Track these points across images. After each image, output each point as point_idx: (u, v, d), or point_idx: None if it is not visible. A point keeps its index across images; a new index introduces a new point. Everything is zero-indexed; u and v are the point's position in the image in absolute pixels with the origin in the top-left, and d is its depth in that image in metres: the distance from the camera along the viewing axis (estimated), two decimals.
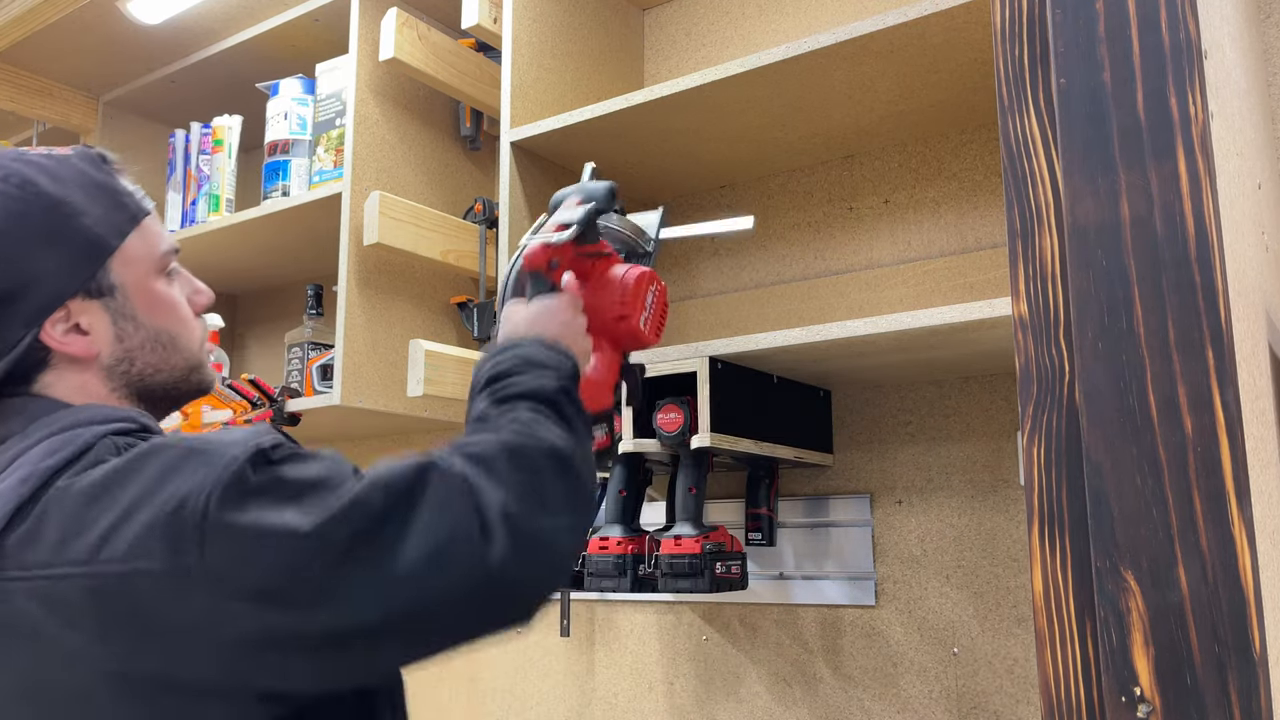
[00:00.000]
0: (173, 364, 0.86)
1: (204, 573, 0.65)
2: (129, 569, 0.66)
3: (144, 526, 0.66)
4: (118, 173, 0.86)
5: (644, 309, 1.03)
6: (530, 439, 0.78)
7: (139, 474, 0.69)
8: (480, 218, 1.79)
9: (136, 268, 0.83)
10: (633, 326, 1.02)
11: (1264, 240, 0.83)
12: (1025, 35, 0.65)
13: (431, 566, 0.69)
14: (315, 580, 0.66)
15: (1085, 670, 0.57)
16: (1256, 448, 0.59)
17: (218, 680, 0.68)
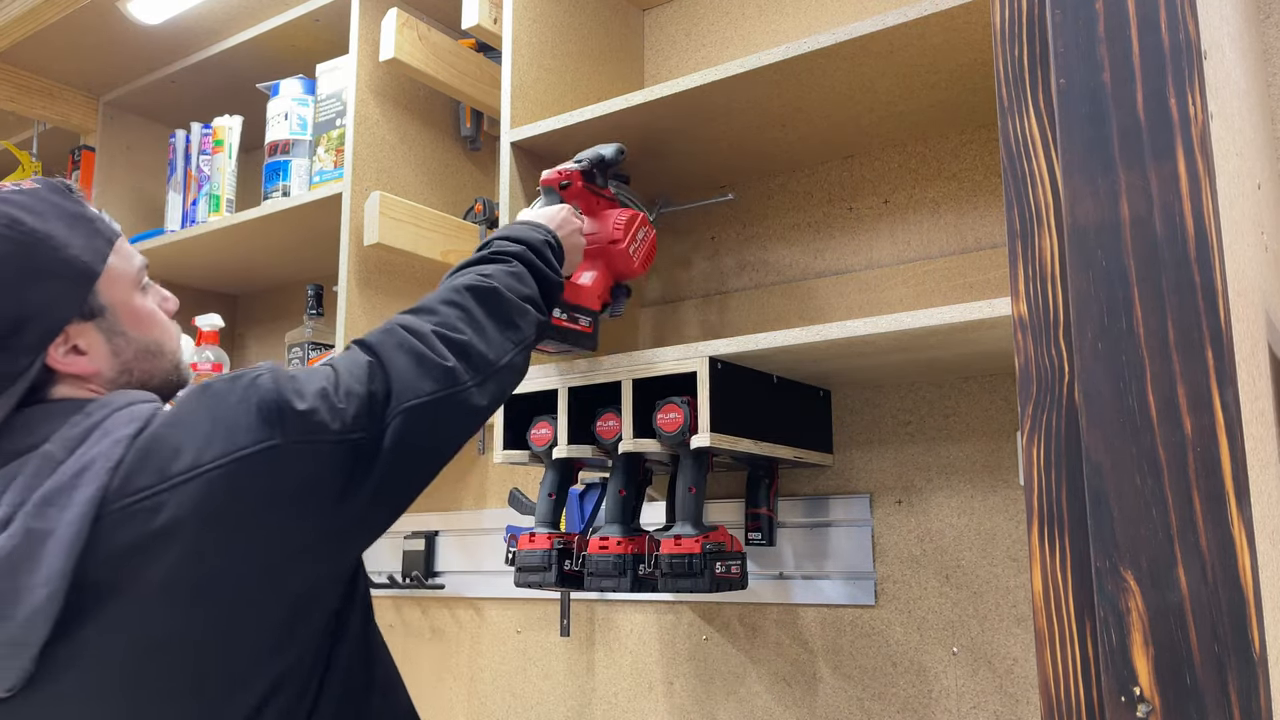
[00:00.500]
0: (161, 368, 0.96)
1: (288, 443, 0.83)
2: (231, 458, 0.81)
3: (231, 426, 0.82)
4: (83, 200, 0.93)
5: (634, 241, 1.33)
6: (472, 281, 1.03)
7: (207, 397, 0.85)
8: (480, 218, 1.79)
9: (119, 286, 0.92)
10: (623, 250, 1.32)
11: (1264, 240, 0.83)
12: (1025, 35, 0.65)
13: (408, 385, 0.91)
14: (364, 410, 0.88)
15: (1085, 670, 0.57)
16: (1256, 448, 0.59)
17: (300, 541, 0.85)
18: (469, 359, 0.96)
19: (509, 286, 1.04)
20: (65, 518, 0.78)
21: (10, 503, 0.80)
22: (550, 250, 1.14)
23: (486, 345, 0.98)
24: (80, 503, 0.79)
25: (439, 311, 0.99)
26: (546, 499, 1.41)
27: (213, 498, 0.81)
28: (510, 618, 1.85)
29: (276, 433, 0.83)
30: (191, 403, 0.86)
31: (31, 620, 0.77)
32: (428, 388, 0.91)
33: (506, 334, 1.01)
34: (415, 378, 0.91)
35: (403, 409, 0.89)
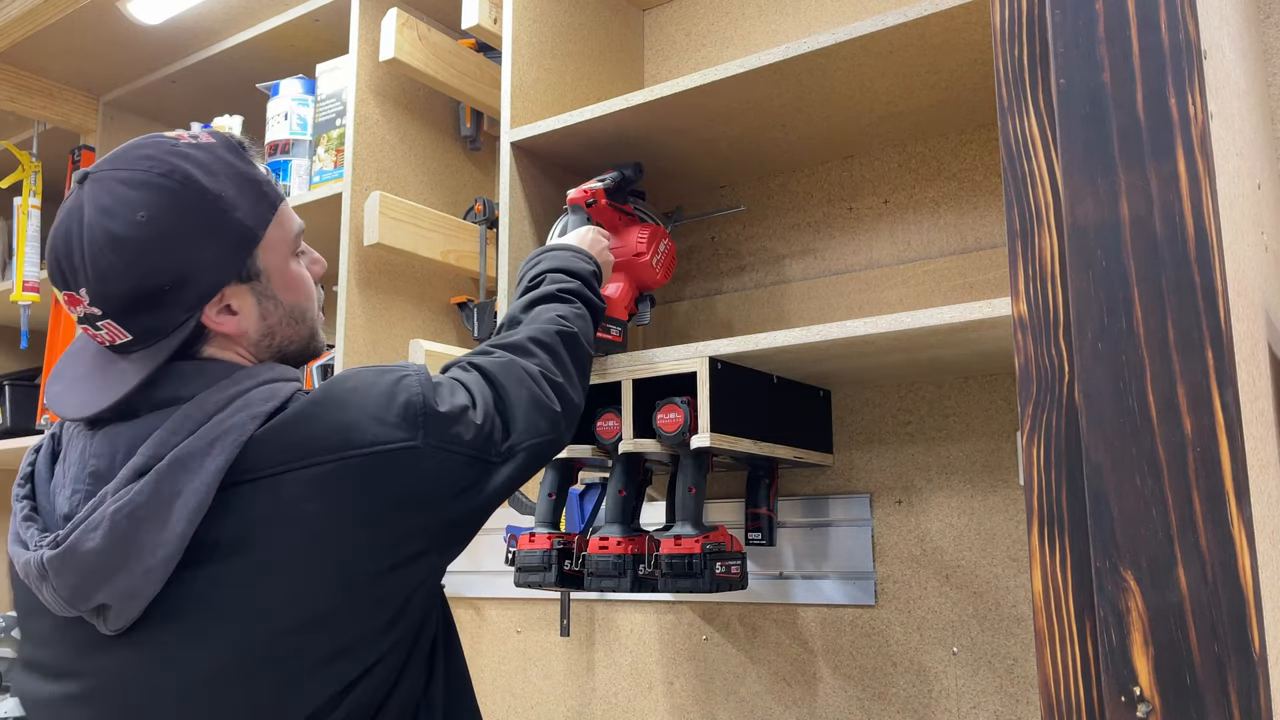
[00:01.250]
0: (300, 334, 0.99)
1: (427, 445, 0.88)
2: (373, 450, 0.85)
3: (376, 419, 0.87)
4: (255, 159, 0.95)
5: (657, 254, 1.42)
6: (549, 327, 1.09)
7: (353, 387, 0.89)
8: (480, 218, 1.79)
9: (277, 252, 0.94)
10: (646, 262, 1.41)
11: (1264, 240, 0.83)
12: (1025, 35, 0.65)
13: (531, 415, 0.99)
14: (492, 435, 0.94)
15: (1085, 670, 0.57)
16: (1256, 448, 0.59)
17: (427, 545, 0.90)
18: (565, 405, 1.02)
19: (583, 331, 1.11)
20: (193, 484, 0.82)
21: (146, 454, 0.83)
22: (595, 279, 1.22)
23: (574, 391, 1.04)
24: (210, 471, 0.82)
25: (536, 354, 1.04)
26: (546, 499, 1.41)
27: (346, 484, 0.84)
28: (510, 618, 1.85)
29: (418, 435, 0.88)
30: (336, 389, 0.90)
31: (149, 574, 0.81)
32: (544, 428, 0.98)
33: (582, 380, 1.08)
34: (535, 417, 0.97)
35: (526, 446, 0.96)
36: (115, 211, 0.85)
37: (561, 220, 1.46)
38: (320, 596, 0.85)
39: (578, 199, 1.37)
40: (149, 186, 0.86)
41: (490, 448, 0.93)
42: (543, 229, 1.52)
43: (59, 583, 0.83)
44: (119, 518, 0.81)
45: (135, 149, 0.90)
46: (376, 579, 0.87)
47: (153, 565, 0.81)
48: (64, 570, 0.82)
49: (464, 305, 1.82)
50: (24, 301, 2.30)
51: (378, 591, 0.88)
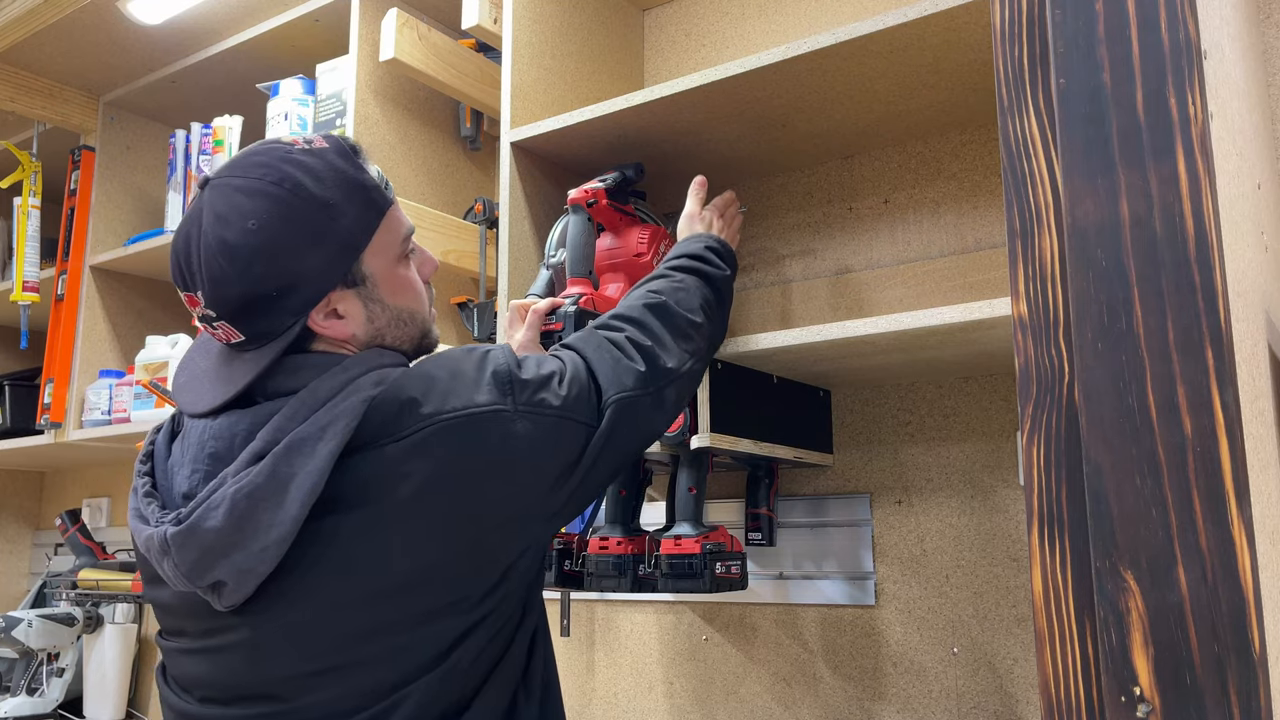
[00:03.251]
0: (410, 335, 1.01)
1: (517, 410, 0.91)
2: (468, 412, 0.89)
3: (469, 386, 0.90)
4: (366, 164, 0.97)
5: (657, 254, 1.41)
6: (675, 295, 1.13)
7: (446, 362, 0.93)
8: (480, 218, 1.79)
9: (383, 257, 0.97)
10: (647, 263, 1.39)
11: (1264, 240, 0.83)
12: (1025, 36, 0.65)
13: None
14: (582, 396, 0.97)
15: (1085, 670, 0.57)
16: (1256, 448, 0.59)
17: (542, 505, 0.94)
18: (654, 365, 1.03)
19: (678, 300, 1.12)
20: (308, 466, 0.85)
21: (264, 439, 0.87)
22: (713, 252, 1.21)
23: (667, 355, 1.05)
24: (323, 455, 0.85)
25: (623, 327, 1.07)
26: None
27: (443, 444, 0.88)
28: None
29: (508, 400, 0.91)
30: (430, 363, 0.94)
31: (264, 552, 0.85)
32: (630, 383, 1.00)
33: (681, 344, 1.08)
34: (619, 375, 1.00)
35: (614, 400, 0.98)
36: (229, 219, 0.90)
37: (562, 220, 1.46)
38: (423, 551, 0.88)
39: (578, 199, 1.37)
40: (261, 195, 0.90)
41: (580, 408, 0.95)
42: (543, 229, 1.52)
43: (180, 558, 0.87)
44: (239, 498, 0.85)
45: (251, 155, 0.94)
46: (479, 537, 0.90)
47: (268, 544, 0.85)
48: (186, 546, 0.87)
49: (464, 305, 1.82)
50: (24, 301, 2.30)
51: (482, 549, 0.91)
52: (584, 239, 1.36)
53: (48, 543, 2.83)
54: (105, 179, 2.29)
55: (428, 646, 0.89)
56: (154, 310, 2.34)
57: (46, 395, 2.22)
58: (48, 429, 2.22)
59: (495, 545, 0.92)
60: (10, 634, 2.22)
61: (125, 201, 2.32)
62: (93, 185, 2.27)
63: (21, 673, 2.36)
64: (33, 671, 2.34)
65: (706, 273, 1.18)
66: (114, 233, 2.28)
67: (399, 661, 0.89)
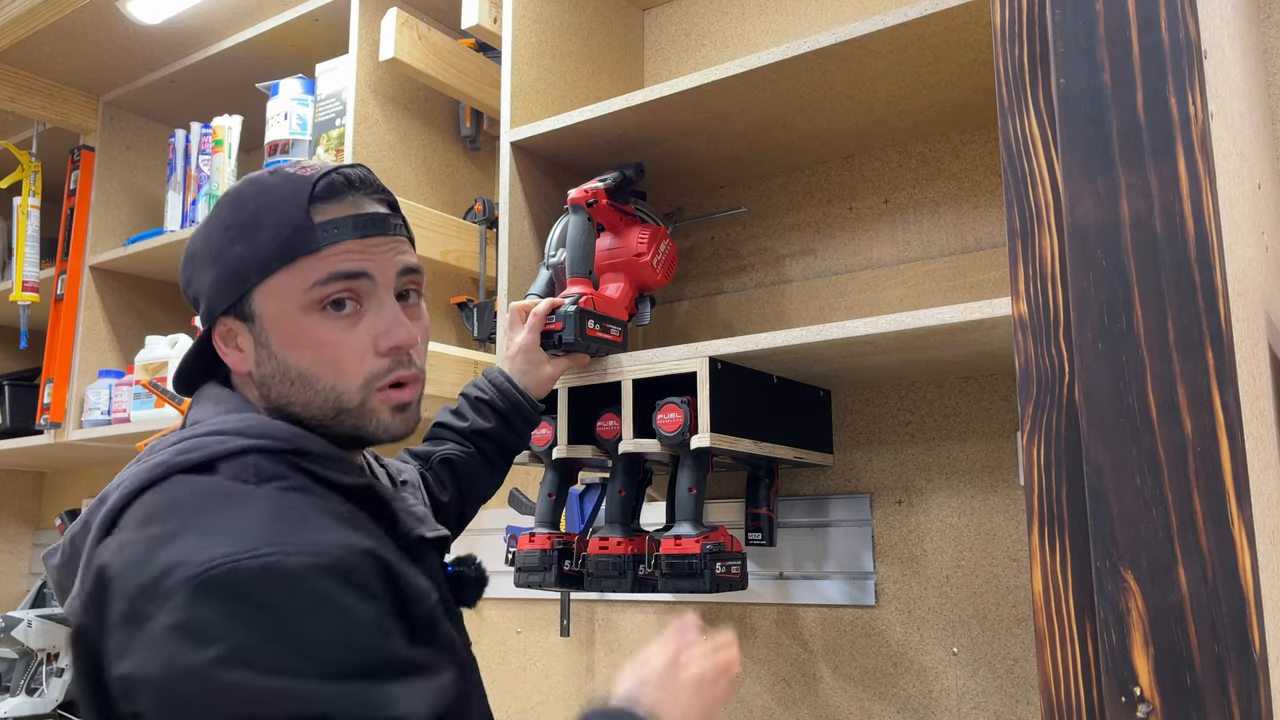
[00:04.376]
0: (304, 400, 0.85)
1: (145, 634, 0.68)
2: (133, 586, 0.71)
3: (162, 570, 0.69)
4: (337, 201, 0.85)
5: (657, 254, 1.42)
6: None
7: (194, 514, 0.74)
8: (480, 218, 1.79)
9: (280, 301, 0.84)
10: (646, 263, 1.41)
11: (1264, 240, 0.83)
12: (1025, 35, 0.65)
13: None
14: None
15: (1085, 670, 0.57)
16: (1256, 448, 0.59)
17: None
18: None
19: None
20: (93, 526, 0.80)
21: (105, 494, 0.81)
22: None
23: None
24: (99, 519, 0.79)
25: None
26: (546, 499, 1.41)
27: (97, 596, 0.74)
28: (510, 618, 1.85)
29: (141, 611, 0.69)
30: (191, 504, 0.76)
31: (72, 602, 0.78)
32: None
33: None
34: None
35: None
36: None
37: (562, 220, 1.46)
38: None
39: (579, 199, 1.37)
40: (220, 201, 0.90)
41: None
42: (543, 229, 1.52)
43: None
44: (66, 541, 0.83)
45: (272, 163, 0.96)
46: None
47: (75, 594, 0.78)
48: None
49: (464, 305, 1.82)
50: (23, 301, 2.30)
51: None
52: (584, 239, 1.36)
53: (47, 543, 2.83)
54: (105, 179, 2.29)
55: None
56: (154, 310, 2.34)
57: (46, 395, 2.22)
58: (47, 429, 2.22)
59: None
60: (10, 634, 2.22)
61: (125, 201, 2.32)
62: (92, 185, 2.27)
63: (21, 673, 2.35)
64: (32, 671, 2.33)
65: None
66: (113, 233, 2.28)
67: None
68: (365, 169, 0.90)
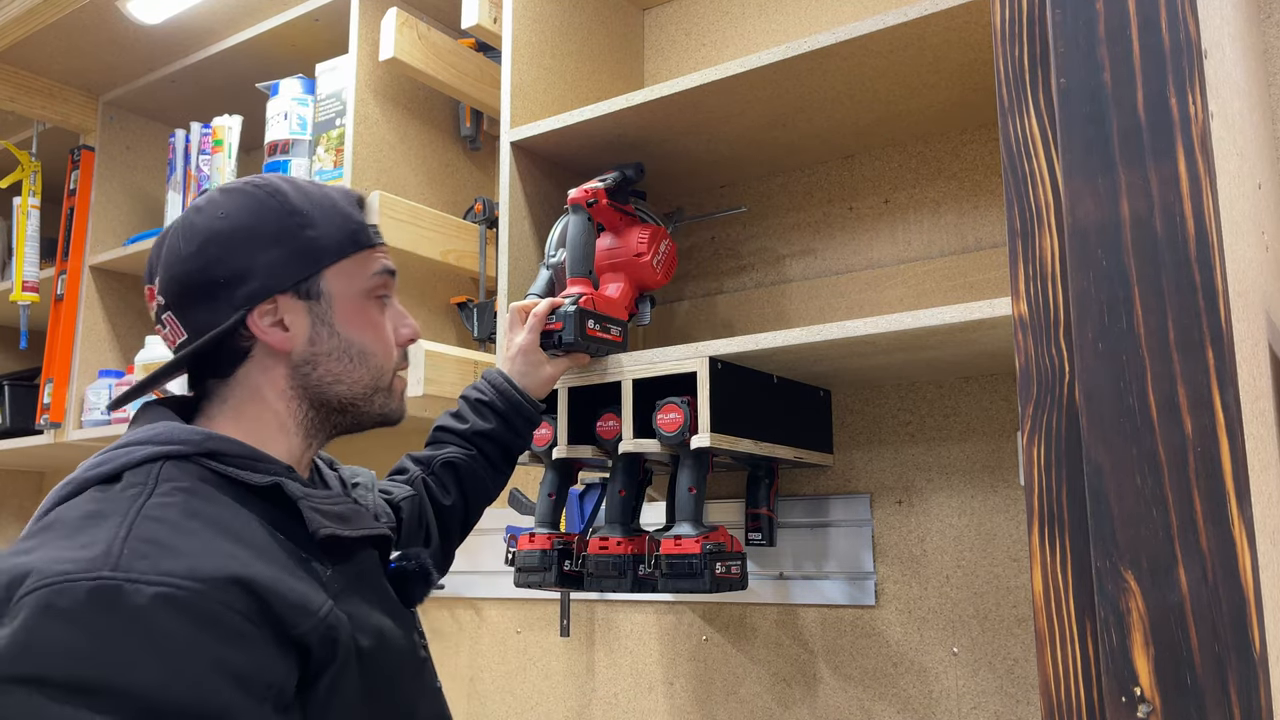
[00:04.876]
0: (355, 377, 0.93)
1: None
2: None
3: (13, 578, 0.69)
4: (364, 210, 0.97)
5: (657, 254, 1.43)
6: None
7: (66, 526, 0.74)
8: (480, 218, 1.79)
9: (349, 283, 0.93)
10: (646, 262, 1.41)
11: (1264, 240, 0.83)
12: (1025, 35, 0.65)
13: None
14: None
15: (1085, 670, 0.57)
16: (1256, 448, 0.59)
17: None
18: None
19: None
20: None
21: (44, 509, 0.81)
22: None
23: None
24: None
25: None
26: (546, 499, 1.41)
27: None
28: (510, 618, 1.85)
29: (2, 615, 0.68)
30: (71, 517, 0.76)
31: None
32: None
33: None
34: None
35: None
36: (203, 209, 0.91)
37: (562, 220, 1.46)
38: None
39: (579, 199, 1.37)
40: (240, 193, 0.91)
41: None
42: (543, 229, 1.52)
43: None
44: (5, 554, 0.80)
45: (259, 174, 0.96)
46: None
47: None
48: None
49: (464, 305, 1.82)
50: (23, 301, 2.30)
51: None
52: (584, 239, 1.36)
53: None
54: (105, 179, 2.29)
55: None
56: None
57: (46, 395, 2.22)
58: (47, 429, 2.22)
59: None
60: None
61: (125, 201, 2.32)
62: (92, 185, 2.27)
63: None
64: None
65: None
66: (113, 233, 2.28)
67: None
68: None
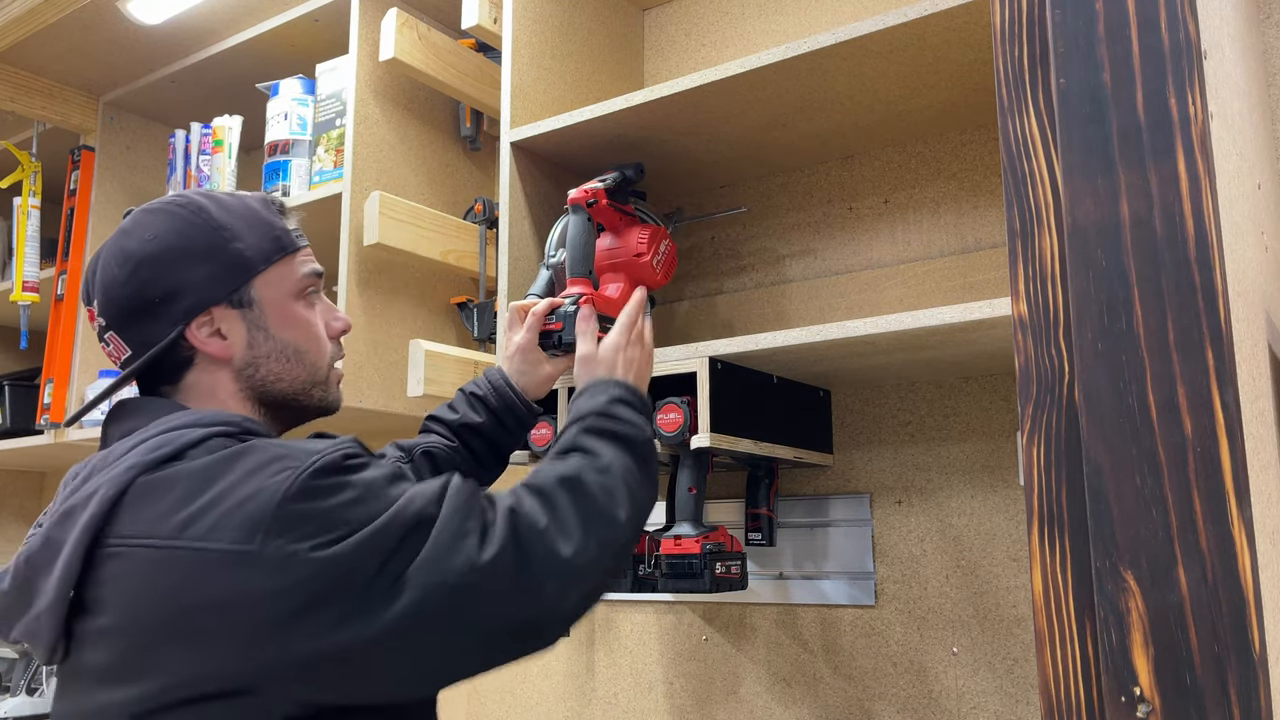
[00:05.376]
0: (294, 374, 0.99)
1: (263, 559, 0.76)
2: (202, 547, 0.78)
3: (223, 514, 0.78)
4: (285, 215, 1.01)
5: (657, 254, 1.42)
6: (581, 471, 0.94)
7: (228, 470, 0.81)
8: (480, 218, 1.79)
9: (278, 289, 0.97)
10: (646, 263, 1.41)
11: (1264, 240, 0.83)
12: (1025, 35, 0.65)
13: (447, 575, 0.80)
14: (351, 580, 0.77)
15: (1085, 670, 0.57)
16: (1256, 448, 0.59)
17: (241, 668, 0.77)
18: (535, 555, 0.84)
19: (598, 483, 0.93)
20: (70, 536, 0.83)
21: (59, 499, 0.87)
22: (626, 406, 1.03)
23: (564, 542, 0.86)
24: (80, 526, 0.83)
25: (522, 497, 0.89)
26: None
27: (165, 577, 0.78)
28: None
29: (255, 540, 0.77)
30: (220, 464, 0.82)
31: (39, 619, 0.84)
32: (462, 567, 0.80)
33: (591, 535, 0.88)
34: (451, 553, 0.80)
35: (421, 584, 0.78)
36: (132, 233, 0.95)
37: (562, 220, 1.46)
38: (127, 683, 0.79)
39: (578, 199, 1.37)
40: (165, 214, 0.95)
41: (369, 568, 0.77)
42: (543, 229, 1.52)
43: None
44: (20, 562, 0.86)
45: (177, 192, 1.00)
46: (175, 681, 0.78)
47: (41, 610, 0.83)
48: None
49: (464, 305, 1.82)
50: (23, 301, 2.30)
51: (174, 693, 0.78)
52: (584, 239, 1.36)
53: None
54: (105, 179, 2.29)
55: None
56: None
57: (46, 395, 2.22)
58: (48, 429, 2.22)
59: (189, 693, 0.78)
60: None
61: (125, 201, 2.31)
62: (92, 185, 2.27)
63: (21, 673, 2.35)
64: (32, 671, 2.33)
65: (626, 436, 0.99)
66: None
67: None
68: None
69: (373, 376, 1.70)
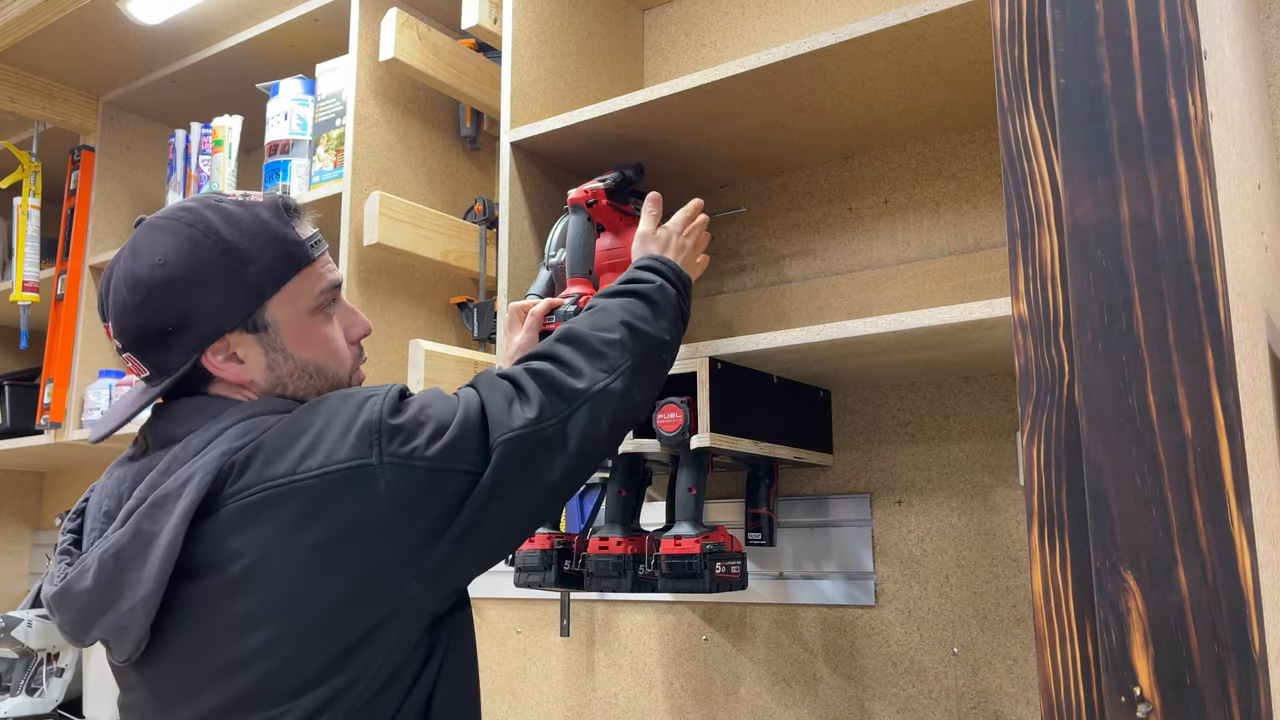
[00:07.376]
0: (318, 389, 0.99)
1: (384, 467, 0.85)
2: (323, 471, 0.85)
3: (333, 443, 0.86)
4: (297, 222, 0.99)
5: None
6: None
7: (316, 416, 0.89)
8: (480, 218, 1.79)
9: (292, 307, 0.97)
10: None
11: (1264, 240, 0.83)
12: (1025, 35, 0.65)
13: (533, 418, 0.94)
14: (462, 457, 0.89)
15: (1085, 670, 0.57)
16: (1256, 448, 0.59)
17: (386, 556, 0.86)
18: (556, 392, 0.97)
19: (591, 324, 1.06)
20: (168, 523, 0.85)
21: (138, 496, 0.88)
22: (648, 270, 1.16)
23: (574, 378, 0.99)
24: (180, 511, 0.85)
25: (528, 363, 1.02)
26: None
27: (293, 508, 0.84)
28: (510, 618, 1.85)
29: (373, 452, 0.86)
30: (305, 414, 0.90)
31: (133, 611, 0.85)
32: (518, 422, 0.93)
33: (594, 364, 1.01)
34: (509, 414, 0.93)
35: (500, 441, 0.91)
36: (141, 255, 0.93)
37: (562, 220, 1.46)
38: (268, 622, 0.85)
39: (578, 199, 1.37)
40: (174, 234, 0.93)
41: (463, 454, 0.89)
42: (543, 229, 1.52)
43: (62, 619, 0.90)
44: (106, 558, 0.86)
45: (185, 200, 0.98)
46: (330, 609, 0.86)
47: (134, 603, 0.85)
48: (64, 607, 0.89)
49: (464, 305, 1.82)
50: (23, 301, 2.30)
51: (336, 620, 0.86)
52: (584, 239, 1.36)
53: (47, 543, 2.83)
54: (105, 179, 2.29)
55: (292, 716, 0.86)
56: None
57: (46, 395, 2.22)
58: (48, 429, 2.22)
59: (351, 615, 0.87)
60: (10, 634, 2.22)
61: (125, 201, 2.32)
62: (92, 185, 2.27)
63: (21, 673, 2.35)
64: (32, 671, 2.33)
65: (633, 290, 1.12)
66: (114, 233, 2.28)
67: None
68: None
69: (372, 377, 1.69)
